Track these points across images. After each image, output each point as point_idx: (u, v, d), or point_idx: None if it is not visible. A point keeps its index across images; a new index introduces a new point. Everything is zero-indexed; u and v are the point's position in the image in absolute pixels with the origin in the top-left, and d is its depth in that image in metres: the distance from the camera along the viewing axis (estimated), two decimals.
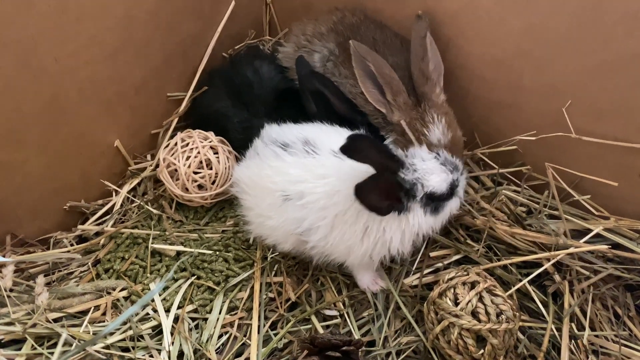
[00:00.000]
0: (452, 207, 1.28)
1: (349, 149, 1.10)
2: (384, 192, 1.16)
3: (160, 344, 1.27)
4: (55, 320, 1.29)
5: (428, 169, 1.21)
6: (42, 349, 1.21)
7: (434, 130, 1.40)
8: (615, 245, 1.35)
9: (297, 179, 1.23)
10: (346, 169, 1.19)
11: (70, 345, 1.21)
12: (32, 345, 1.21)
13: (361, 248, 1.24)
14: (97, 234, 1.55)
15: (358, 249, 1.24)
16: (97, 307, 1.34)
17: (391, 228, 1.22)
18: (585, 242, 1.33)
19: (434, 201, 1.23)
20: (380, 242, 1.24)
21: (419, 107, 1.43)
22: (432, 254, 1.43)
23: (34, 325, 1.24)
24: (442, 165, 1.24)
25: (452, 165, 1.25)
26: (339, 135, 1.31)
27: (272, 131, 1.37)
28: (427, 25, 1.44)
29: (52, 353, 1.17)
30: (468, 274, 1.23)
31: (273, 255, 1.45)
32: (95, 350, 1.21)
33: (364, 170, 1.14)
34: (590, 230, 1.36)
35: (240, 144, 1.61)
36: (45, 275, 1.41)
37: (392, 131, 1.48)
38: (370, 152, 1.12)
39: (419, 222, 1.22)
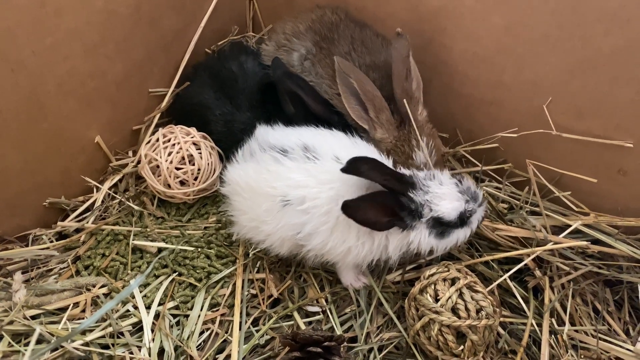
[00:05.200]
0: (459, 236, 1.24)
1: (350, 170, 1.11)
2: (383, 209, 1.16)
3: (141, 341, 1.25)
4: (34, 318, 1.27)
5: (441, 194, 1.19)
6: (20, 346, 1.19)
7: (420, 155, 1.40)
8: (595, 241, 1.37)
9: (299, 184, 1.22)
10: (350, 176, 1.18)
11: (49, 342, 1.19)
12: (9, 343, 1.19)
13: (362, 250, 1.23)
14: (78, 230, 1.53)
15: (359, 251, 1.23)
16: (76, 304, 1.33)
17: (393, 236, 1.22)
18: (565, 237, 1.35)
19: (441, 226, 1.21)
20: (382, 246, 1.23)
21: (403, 127, 1.42)
22: None
23: (11, 322, 1.22)
24: (459, 194, 1.21)
25: (471, 195, 1.22)
26: (339, 140, 1.31)
27: (269, 136, 1.35)
28: (408, 44, 1.43)
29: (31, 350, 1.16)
30: (449, 270, 1.23)
31: (255, 251, 1.44)
32: (74, 348, 1.20)
33: (369, 181, 1.15)
34: (570, 227, 1.38)
35: (221, 136, 1.61)
36: (23, 272, 1.40)
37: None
38: (371, 173, 1.13)
39: (420, 240, 1.21)
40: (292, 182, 1.23)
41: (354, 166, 1.12)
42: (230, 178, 1.38)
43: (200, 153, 1.57)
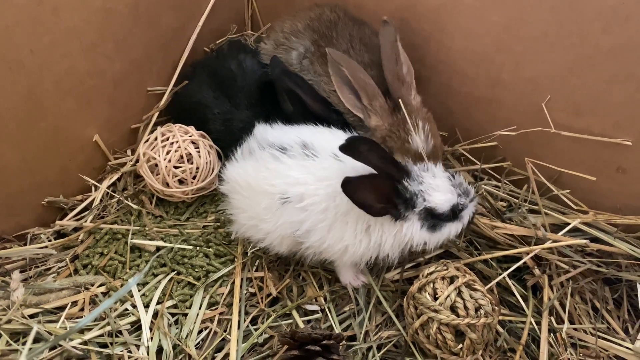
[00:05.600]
0: (451, 230, 1.24)
1: (348, 149, 1.11)
2: (379, 194, 1.15)
3: (139, 340, 1.25)
4: (32, 316, 1.27)
5: (435, 185, 1.19)
6: (18, 345, 1.19)
7: (417, 139, 1.39)
8: (594, 239, 1.37)
9: (298, 181, 1.22)
10: (348, 171, 1.18)
11: (47, 341, 1.19)
12: (7, 341, 1.19)
13: (360, 248, 1.23)
14: (76, 229, 1.53)
15: (356, 249, 1.23)
16: (74, 303, 1.33)
17: (388, 232, 1.22)
18: (563, 235, 1.35)
19: (433, 218, 1.21)
20: (378, 243, 1.23)
21: (397, 112, 1.42)
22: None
23: (9, 321, 1.22)
24: (452, 187, 1.22)
25: (463, 190, 1.23)
26: (337, 137, 1.31)
27: (267, 134, 1.35)
28: (395, 30, 1.43)
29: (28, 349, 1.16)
30: (447, 269, 1.23)
31: (254, 250, 1.44)
32: (73, 346, 1.20)
33: (366, 173, 1.14)
34: (569, 225, 1.37)
35: (220, 135, 1.61)
36: (22, 271, 1.39)
37: (371, 136, 1.48)
38: (370, 155, 1.13)
39: (412, 233, 1.21)
40: (291, 180, 1.23)
41: (353, 146, 1.11)
42: (229, 176, 1.38)
43: (199, 152, 1.56)
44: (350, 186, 1.10)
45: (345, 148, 1.11)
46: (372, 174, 1.14)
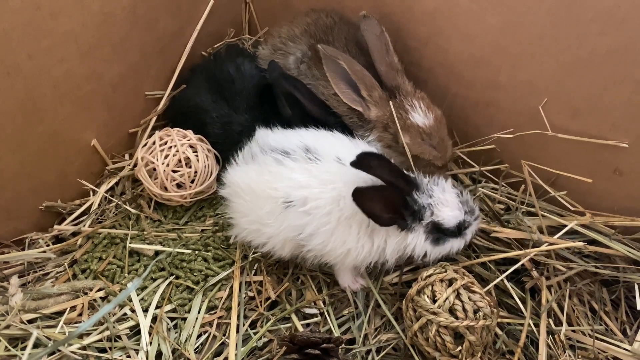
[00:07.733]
0: (454, 245, 1.26)
1: (359, 164, 1.12)
2: (388, 205, 1.16)
3: (138, 344, 1.25)
4: (30, 322, 1.27)
5: (444, 200, 1.21)
6: (17, 350, 1.19)
7: (416, 115, 1.42)
8: (591, 241, 1.37)
9: (301, 185, 1.22)
10: (352, 175, 1.19)
11: (46, 346, 1.19)
12: (6, 347, 1.19)
13: (362, 252, 1.24)
14: (74, 234, 1.53)
15: (359, 253, 1.24)
16: (73, 308, 1.33)
17: (392, 238, 1.23)
18: (561, 237, 1.35)
19: (438, 232, 1.22)
20: (380, 248, 1.24)
21: (394, 98, 1.45)
22: None
23: (7, 327, 1.22)
24: (460, 204, 1.23)
25: (469, 207, 1.25)
26: (340, 141, 1.32)
27: (269, 139, 1.35)
28: (377, 22, 1.47)
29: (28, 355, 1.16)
30: (446, 271, 1.23)
31: (254, 255, 1.43)
32: (72, 351, 1.19)
33: (370, 177, 1.15)
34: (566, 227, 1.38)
35: (218, 139, 1.61)
36: (20, 276, 1.39)
37: (372, 128, 1.49)
38: (380, 170, 1.14)
39: (416, 243, 1.23)
40: (294, 183, 1.23)
41: (365, 161, 1.13)
42: (230, 180, 1.37)
43: (197, 156, 1.56)
44: (360, 196, 1.11)
45: (357, 163, 1.12)
46: (382, 185, 1.15)
